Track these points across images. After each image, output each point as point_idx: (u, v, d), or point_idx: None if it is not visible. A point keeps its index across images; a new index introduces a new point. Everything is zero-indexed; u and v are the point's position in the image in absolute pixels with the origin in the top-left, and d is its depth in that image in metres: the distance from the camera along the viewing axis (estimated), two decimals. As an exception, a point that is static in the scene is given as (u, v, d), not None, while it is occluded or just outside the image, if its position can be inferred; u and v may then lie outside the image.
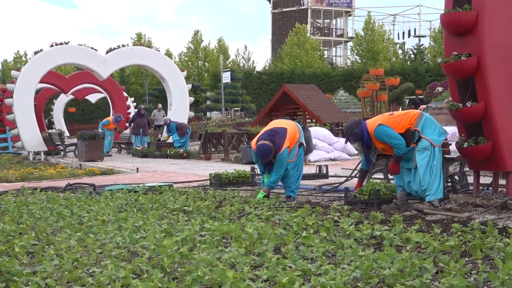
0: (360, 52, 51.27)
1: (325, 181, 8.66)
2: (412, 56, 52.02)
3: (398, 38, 59.83)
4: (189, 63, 50.57)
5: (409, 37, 59.89)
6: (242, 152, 13.75)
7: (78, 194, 7.59)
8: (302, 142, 6.81)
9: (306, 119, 19.79)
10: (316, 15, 60.10)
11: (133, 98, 29.95)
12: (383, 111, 20.23)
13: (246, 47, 58.74)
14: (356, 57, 52.86)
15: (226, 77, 30.90)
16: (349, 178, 7.85)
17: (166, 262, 3.44)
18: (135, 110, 22.87)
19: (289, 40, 49.76)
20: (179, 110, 19.41)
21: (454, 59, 5.51)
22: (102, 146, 16.07)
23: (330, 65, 54.56)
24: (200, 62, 52.07)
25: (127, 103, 24.67)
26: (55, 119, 30.81)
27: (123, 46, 19.48)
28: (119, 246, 4.12)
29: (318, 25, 61.39)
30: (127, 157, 17.83)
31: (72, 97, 28.12)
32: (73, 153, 17.15)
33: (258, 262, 3.61)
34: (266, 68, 52.12)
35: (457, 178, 6.45)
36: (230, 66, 46.35)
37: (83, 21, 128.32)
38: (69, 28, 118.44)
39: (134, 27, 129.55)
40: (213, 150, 16.64)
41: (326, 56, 58.83)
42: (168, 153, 16.40)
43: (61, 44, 17.95)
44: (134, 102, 29.10)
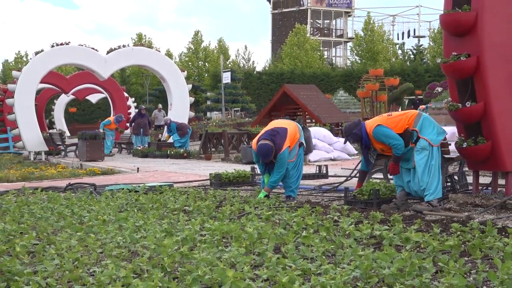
0: (359, 52, 51.31)
1: (325, 181, 8.67)
2: (411, 56, 52.04)
3: (398, 39, 59.96)
4: (189, 64, 50.63)
5: (408, 37, 60.01)
6: (242, 152, 13.76)
7: (79, 194, 7.61)
8: (302, 142, 6.82)
9: (306, 119, 19.79)
10: (316, 16, 60.12)
11: (133, 98, 29.95)
12: (383, 111, 20.26)
13: (246, 48, 58.89)
14: (355, 57, 52.90)
15: (226, 77, 30.90)
16: (348, 178, 7.86)
17: (166, 262, 3.44)
18: (136, 110, 22.87)
19: (289, 40, 49.78)
20: (180, 110, 19.43)
21: (454, 60, 5.52)
22: (102, 146, 16.08)
23: (330, 65, 54.57)
24: (200, 63, 52.12)
25: (128, 103, 24.67)
26: (56, 119, 30.82)
27: (124, 46, 19.50)
28: (120, 245, 4.12)
29: (318, 25, 61.41)
30: (128, 157, 17.84)
31: (72, 97, 28.12)
32: (73, 153, 17.16)
33: (258, 261, 3.62)
34: (266, 68, 52.14)
35: (456, 178, 6.46)
36: (230, 66, 46.36)
37: (84, 21, 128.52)
38: (69, 28, 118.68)
39: (134, 28, 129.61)
40: (213, 150, 16.64)
41: (326, 56, 58.85)
42: (168, 153, 16.42)
43: (62, 44, 17.97)
44: (135, 102, 29.09)
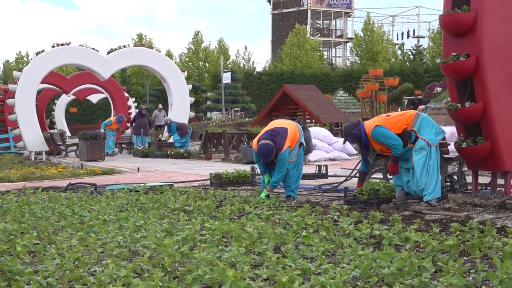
0: (359, 52, 51.34)
1: (324, 181, 8.68)
2: (411, 56, 52.05)
3: (397, 39, 59.98)
4: (189, 64, 50.66)
5: (408, 37, 60.04)
6: (242, 152, 13.77)
7: (80, 193, 7.62)
8: (302, 142, 6.84)
9: (306, 119, 19.81)
10: (315, 16, 60.12)
11: (134, 99, 29.95)
12: (382, 112, 20.28)
13: (246, 48, 59.05)
14: (355, 57, 52.93)
15: (227, 77, 30.91)
16: (348, 178, 7.88)
17: (166, 261, 3.45)
18: (136, 110, 22.90)
19: (289, 40, 49.80)
20: (180, 110, 19.44)
21: (453, 60, 5.53)
22: (103, 146, 16.10)
23: (330, 65, 54.59)
24: (200, 63, 52.14)
25: (128, 104, 24.70)
26: (57, 119, 30.85)
27: (124, 46, 19.52)
28: (120, 245, 4.13)
29: (318, 26, 61.41)
30: (128, 157, 17.86)
31: (73, 97, 28.15)
32: (74, 153, 17.18)
33: (258, 261, 3.63)
34: (266, 68, 52.17)
35: (455, 178, 6.48)
36: (230, 66, 46.37)
37: (84, 22, 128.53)
38: (70, 28, 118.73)
39: (135, 28, 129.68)
40: (213, 150, 16.65)
41: (325, 56, 58.86)
42: (168, 153, 16.44)
43: (62, 44, 17.99)
44: (135, 103, 29.10)
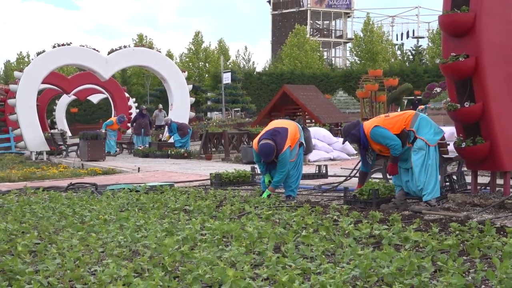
0: (359, 53, 51.37)
1: (324, 180, 8.69)
2: (410, 57, 52.08)
3: (397, 39, 60.07)
4: (190, 64, 50.68)
5: (407, 38, 60.13)
6: (242, 152, 13.78)
7: (80, 193, 7.63)
8: (302, 142, 6.85)
9: (306, 119, 19.82)
10: (315, 17, 60.13)
11: (134, 99, 29.99)
12: (382, 112, 20.29)
13: (246, 48, 59.16)
14: (355, 58, 52.96)
15: (227, 77, 30.92)
16: (348, 178, 7.89)
17: (167, 261, 3.46)
18: (137, 110, 22.92)
19: (289, 41, 49.82)
20: (180, 111, 19.46)
21: (452, 60, 5.54)
22: (103, 146, 16.12)
23: (330, 66, 54.62)
24: (200, 63, 52.15)
25: (129, 104, 24.72)
26: (58, 120, 30.87)
27: (125, 47, 19.55)
28: (121, 245, 4.14)
29: (318, 26, 61.42)
30: (129, 157, 17.88)
31: (74, 97, 28.16)
32: (75, 153, 17.21)
33: (258, 261, 3.64)
34: (266, 69, 52.19)
35: (455, 177, 6.48)
36: (230, 67, 46.39)
37: (85, 22, 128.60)
38: (70, 29, 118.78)
39: (135, 28, 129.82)
40: (213, 150, 16.66)
41: (325, 57, 58.88)
42: (169, 153, 16.45)
43: (63, 45, 18.01)
44: (136, 103, 29.14)
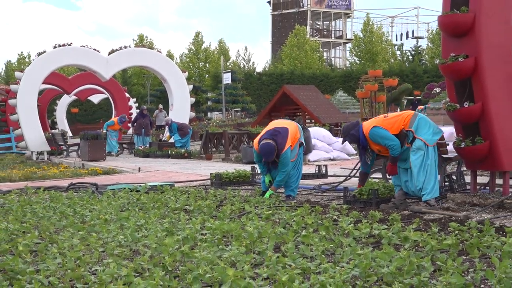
0: (358, 53, 51.38)
1: (324, 180, 8.70)
2: (410, 57, 52.11)
3: (396, 40, 60.14)
4: (190, 64, 50.68)
5: (407, 38, 60.20)
6: (242, 152, 13.80)
7: (81, 193, 7.64)
8: (302, 142, 6.87)
9: (306, 120, 19.84)
10: (315, 17, 60.14)
11: (135, 99, 30.01)
12: (382, 112, 20.30)
13: (246, 49, 59.05)
14: (355, 58, 52.96)
15: (227, 78, 30.95)
16: (347, 178, 7.90)
17: (167, 261, 3.47)
18: (137, 110, 22.95)
19: (288, 41, 49.83)
20: (181, 111, 19.48)
21: (452, 61, 5.55)
22: (104, 146, 16.14)
23: (329, 66, 54.62)
24: (201, 63, 52.15)
25: (129, 104, 24.74)
26: (58, 120, 30.90)
27: (125, 47, 19.58)
28: (121, 244, 4.15)
29: (318, 26, 61.44)
30: (129, 157, 17.90)
31: (74, 97, 28.19)
32: (75, 153, 17.23)
33: (258, 260, 3.64)
34: (266, 69, 52.20)
35: (454, 177, 6.49)
36: (230, 67, 46.43)
37: (85, 22, 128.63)
38: (71, 29, 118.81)
39: (136, 29, 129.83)
40: (214, 150, 16.68)
41: (325, 57, 58.88)
42: (169, 153, 16.47)
43: (64, 45, 18.04)
44: (136, 103, 29.16)
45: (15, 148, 20.77)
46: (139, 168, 12.58)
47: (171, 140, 17.95)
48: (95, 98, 30.73)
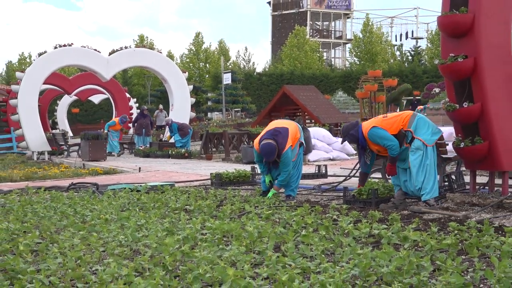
0: (358, 53, 51.40)
1: (324, 180, 8.71)
2: (409, 57, 52.14)
3: (396, 40, 60.20)
4: (190, 65, 50.70)
5: (406, 39, 60.24)
6: (242, 152, 13.81)
7: (82, 193, 7.65)
8: (302, 142, 6.88)
9: (306, 120, 19.85)
10: (315, 18, 60.16)
11: (135, 99, 30.03)
12: (381, 112, 20.30)
13: (246, 49, 58.90)
14: (354, 58, 52.99)
15: (227, 78, 30.97)
16: (347, 178, 7.91)
17: (167, 260, 3.47)
18: (138, 110, 22.96)
19: (288, 42, 49.85)
20: (181, 111, 19.49)
21: (451, 61, 5.56)
22: (105, 146, 16.16)
23: (329, 66, 54.64)
24: (201, 64, 52.17)
25: (130, 104, 24.76)
26: (59, 120, 30.92)
27: (126, 48, 19.61)
28: (122, 244, 4.16)
29: (317, 27, 61.45)
30: (130, 157, 17.91)
31: (75, 98, 28.21)
32: (76, 153, 17.24)
33: (258, 260, 3.65)
34: (266, 69, 52.22)
35: (454, 177, 6.50)
36: (230, 67, 46.43)
37: (86, 23, 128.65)
38: (72, 30, 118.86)
39: (136, 29, 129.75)
40: (214, 150, 16.70)
41: (325, 57, 58.89)
42: (170, 153, 16.48)
43: (64, 46, 18.05)
44: (137, 103, 29.19)
45: (16, 148, 20.80)
46: (140, 168, 12.59)
47: (172, 140, 17.97)
48: (96, 99, 30.77)
